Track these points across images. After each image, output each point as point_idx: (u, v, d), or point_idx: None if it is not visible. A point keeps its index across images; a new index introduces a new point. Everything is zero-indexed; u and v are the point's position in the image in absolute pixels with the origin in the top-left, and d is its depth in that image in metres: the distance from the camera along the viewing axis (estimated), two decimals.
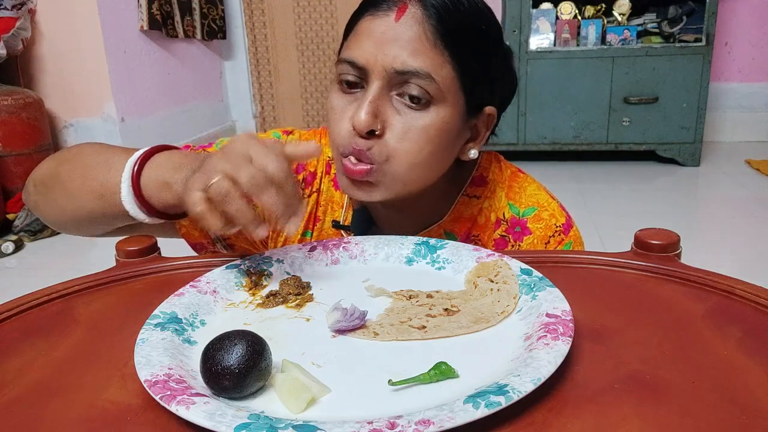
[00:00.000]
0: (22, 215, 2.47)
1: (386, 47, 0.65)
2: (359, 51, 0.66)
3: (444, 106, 0.67)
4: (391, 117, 0.66)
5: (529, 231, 0.77)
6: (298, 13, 4.04)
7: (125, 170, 0.64)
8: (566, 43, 3.21)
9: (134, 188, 0.63)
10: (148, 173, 0.64)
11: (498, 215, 0.79)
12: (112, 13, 2.92)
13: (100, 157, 0.69)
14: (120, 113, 2.99)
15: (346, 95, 0.69)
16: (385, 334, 0.49)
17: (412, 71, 0.64)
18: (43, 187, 0.73)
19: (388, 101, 0.66)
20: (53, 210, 0.73)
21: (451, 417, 0.36)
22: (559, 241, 0.76)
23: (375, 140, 0.66)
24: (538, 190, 0.80)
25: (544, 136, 3.28)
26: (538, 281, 0.54)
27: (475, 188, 0.80)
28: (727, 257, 2.14)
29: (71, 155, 0.72)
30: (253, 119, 4.30)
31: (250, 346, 0.41)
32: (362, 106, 0.65)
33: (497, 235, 0.79)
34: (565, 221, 0.77)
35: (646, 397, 0.41)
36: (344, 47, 0.70)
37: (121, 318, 0.55)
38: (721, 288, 0.56)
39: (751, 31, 3.62)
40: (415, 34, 0.65)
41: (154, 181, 0.63)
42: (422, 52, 0.65)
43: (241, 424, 0.36)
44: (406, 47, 0.64)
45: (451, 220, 0.79)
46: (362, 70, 0.66)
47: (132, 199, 0.64)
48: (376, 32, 0.66)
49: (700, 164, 3.23)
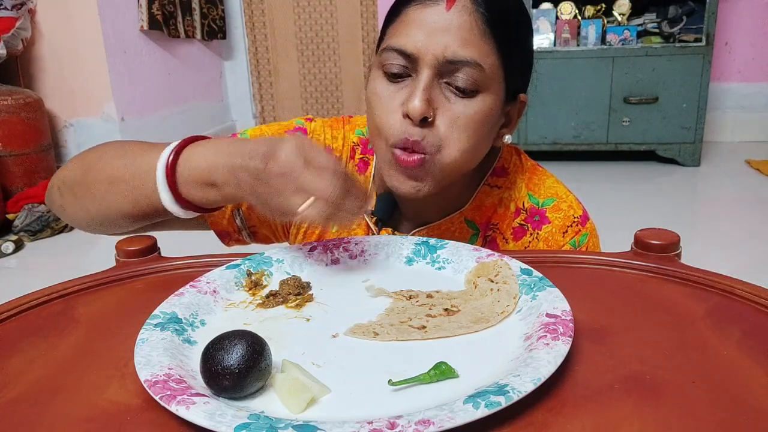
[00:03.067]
0: (22, 215, 2.47)
1: (437, 36, 0.65)
2: (409, 39, 0.66)
3: (489, 93, 0.68)
4: (441, 105, 0.67)
5: (548, 220, 0.79)
6: (298, 13, 4.05)
7: (159, 170, 0.62)
8: (566, 43, 3.21)
9: (171, 188, 0.62)
10: (184, 172, 0.62)
11: (518, 204, 0.80)
12: (112, 13, 2.92)
13: (127, 159, 0.67)
14: (120, 113, 2.99)
15: (391, 84, 0.69)
16: (385, 334, 0.49)
17: (463, 60, 0.65)
18: (69, 192, 0.71)
19: (438, 89, 0.67)
20: (81, 214, 0.71)
21: (451, 417, 0.36)
22: (576, 231, 0.78)
23: (427, 129, 0.67)
24: (556, 183, 0.82)
25: (545, 136, 3.29)
26: (538, 281, 0.54)
27: (496, 178, 0.81)
28: (727, 257, 2.14)
29: (97, 157, 0.70)
30: (253, 119, 4.30)
31: (250, 346, 0.41)
32: (416, 94, 0.65)
33: (516, 224, 0.80)
34: (582, 213, 0.79)
35: (646, 397, 0.41)
36: (389, 35, 0.70)
37: (121, 318, 0.55)
38: (721, 288, 0.56)
39: (751, 31, 3.62)
40: (466, 24, 0.65)
41: (193, 179, 0.62)
42: (472, 41, 0.65)
43: (241, 424, 0.36)
44: (457, 36, 0.65)
45: (472, 209, 0.80)
46: (411, 58, 0.66)
47: (170, 198, 0.62)
48: (427, 21, 0.66)
49: (700, 164, 3.23)
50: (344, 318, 0.52)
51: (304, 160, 0.55)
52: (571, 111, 3.23)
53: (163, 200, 0.63)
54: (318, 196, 0.54)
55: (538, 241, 0.79)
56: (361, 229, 0.82)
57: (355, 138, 0.84)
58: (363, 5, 3.98)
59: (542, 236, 0.78)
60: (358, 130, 0.85)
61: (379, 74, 0.70)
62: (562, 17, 3.23)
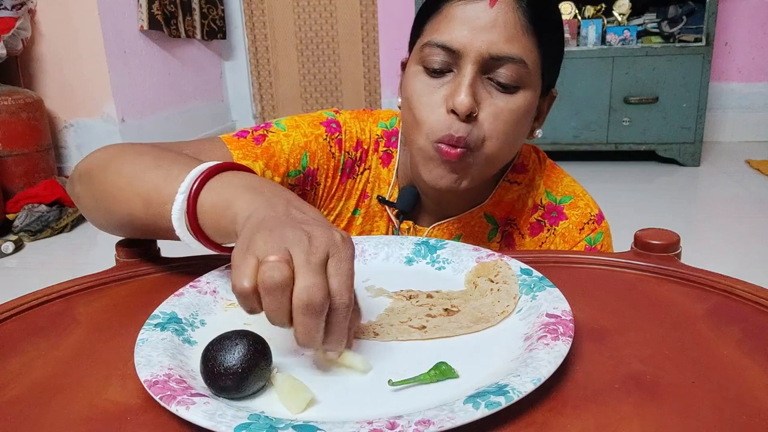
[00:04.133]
0: (22, 215, 2.47)
1: (482, 33, 0.66)
2: (453, 35, 0.67)
3: (530, 89, 0.69)
4: (484, 100, 0.68)
5: (565, 216, 0.80)
6: (298, 13, 4.05)
7: (175, 209, 0.53)
8: (566, 43, 3.21)
9: (191, 222, 0.53)
10: (205, 216, 0.52)
11: (535, 201, 0.81)
12: (112, 13, 2.92)
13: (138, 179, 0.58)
14: (120, 113, 2.99)
15: (433, 79, 0.69)
16: (385, 334, 0.49)
17: (507, 57, 0.66)
18: (88, 180, 0.64)
19: (481, 84, 0.68)
20: (96, 213, 0.65)
21: (451, 417, 0.36)
22: (592, 228, 0.79)
23: (472, 124, 0.67)
24: (573, 182, 0.83)
25: (544, 136, 3.28)
26: (538, 281, 0.54)
27: (515, 175, 0.82)
28: (727, 257, 2.14)
29: (116, 168, 0.61)
30: (253, 119, 4.30)
31: (251, 345, 0.41)
32: (461, 89, 0.66)
33: (533, 219, 0.81)
34: (598, 212, 0.80)
35: (646, 397, 0.41)
36: (430, 30, 0.70)
37: (121, 318, 0.55)
38: (721, 288, 0.56)
39: (751, 31, 3.62)
40: (510, 20, 0.66)
41: (216, 225, 0.52)
42: (516, 38, 0.66)
43: (241, 425, 0.36)
44: (501, 33, 0.66)
45: (492, 204, 0.81)
46: (455, 54, 0.67)
47: (185, 229, 0.54)
48: (471, 17, 0.66)
49: (700, 164, 3.23)
50: None
51: (329, 252, 0.43)
52: (571, 111, 3.23)
53: (181, 237, 0.54)
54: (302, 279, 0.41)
55: (554, 236, 0.80)
56: (383, 221, 0.83)
57: (378, 131, 0.85)
58: (363, 5, 3.98)
59: (559, 231, 0.79)
60: (381, 123, 0.85)
61: (419, 69, 0.70)
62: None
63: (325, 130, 0.81)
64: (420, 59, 0.70)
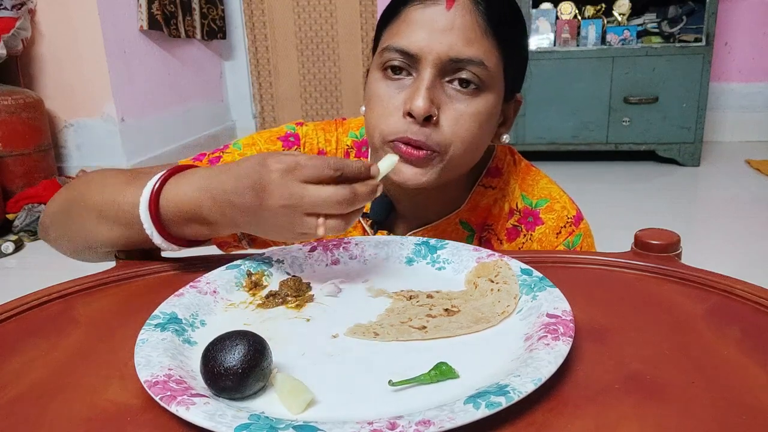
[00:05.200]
0: (22, 215, 2.47)
1: (440, 36, 0.65)
2: (411, 39, 0.66)
3: (491, 92, 0.68)
4: (444, 104, 0.67)
5: (542, 221, 0.79)
6: (298, 13, 4.04)
7: (142, 212, 0.61)
8: (566, 43, 3.21)
9: (158, 228, 0.61)
10: (168, 213, 0.61)
11: (511, 205, 0.80)
12: (111, 13, 2.92)
13: (106, 195, 0.65)
14: (120, 113, 2.99)
15: (392, 82, 0.69)
16: (385, 334, 0.49)
17: (466, 59, 0.66)
18: (60, 225, 0.71)
19: (440, 88, 0.67)
20: (73, 247, 0.71)
21: (452, 417, 0.36)
22: (570, 231, 0.78)
23: (431, 128, 0.67)
24: (550, 183, 0.82)
25: (543, 136, 3.29)
26: (539, 281, 0.54)
27: (490, 179, 0.81)
28: (727, 257, 2.14)
29: (79, 194, 0.68)
30: (253, 119, 4.30)
31: (251, 345, 0.41)
32: (419, 93, 0.65)
33: (510, 225, 0.80)
34: (575, 214, 0.79)
35: (646, 397, 0.41)
36: (388, 35, 0.70)
37: (121, 318, 0.55)
38: (721, 288, 0.56)
39: (751, 31, 3.62)
40: (468, 23, 0.66)
41: (180, 219, 0.61)
42: (475, 40, 0.66)
43: (242, 425, 0.36)
44: (460, 36, 0.65)
45: (468, 210, 0.80)
46: (413, 58, 0.67)
47: (161, 239, 0.62)
48: (428, 21, 0.66)
49: (700, 164, 3.23)
50: (344, 318, 0.52)
51: (295, 178, 0.53)
52: (571, 111, 3.23)
53: (155, 241, 0.62)
54: (332, 209, 0.54)
55: (531, 242, 0.79)
56: (356, 232, 0.81)
57: (348, 141, 0.84)
58: (363, 5, 3.98)
59: (536, 237, 0.78)
60: (351, 133, 0.84)
61: (378, 75, 0.70)
62: (562, 17, 3.23)
63: (282, 144, 0.81)
64: (380, 64, 0.69)
